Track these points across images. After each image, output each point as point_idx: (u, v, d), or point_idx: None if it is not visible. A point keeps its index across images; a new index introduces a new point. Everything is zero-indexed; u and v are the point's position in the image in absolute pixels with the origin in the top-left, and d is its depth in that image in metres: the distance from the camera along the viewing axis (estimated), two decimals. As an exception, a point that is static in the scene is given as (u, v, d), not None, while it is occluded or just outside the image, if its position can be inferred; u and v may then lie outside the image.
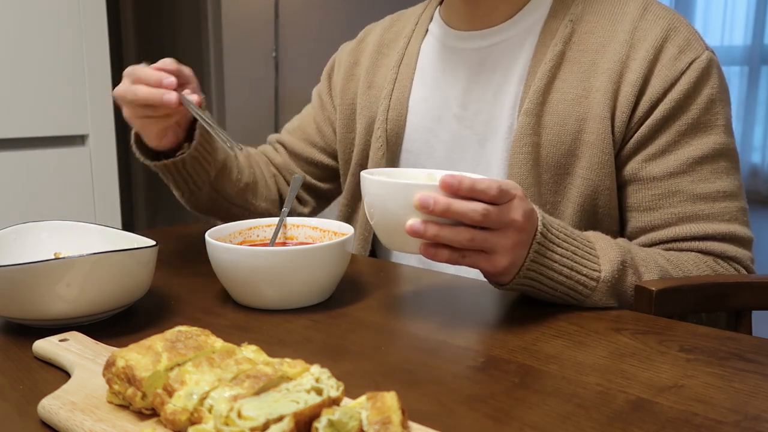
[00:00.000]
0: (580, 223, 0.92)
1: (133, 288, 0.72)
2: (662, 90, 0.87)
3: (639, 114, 0.89)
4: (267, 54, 4.13)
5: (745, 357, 0.64)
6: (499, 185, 0.66)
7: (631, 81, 0.88)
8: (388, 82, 1.07)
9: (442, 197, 0.65)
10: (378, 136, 1.06)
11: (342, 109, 1.13)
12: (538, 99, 0.91)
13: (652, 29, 0.89)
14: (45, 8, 1.78)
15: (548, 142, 0.92)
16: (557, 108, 0.91)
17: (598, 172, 0.90)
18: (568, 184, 0.92)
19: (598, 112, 0.89)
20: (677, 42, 0.89)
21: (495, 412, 0.53)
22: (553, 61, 0.92)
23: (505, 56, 0.98)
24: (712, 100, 0.88)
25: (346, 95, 1.13)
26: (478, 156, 0.99)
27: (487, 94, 0.98)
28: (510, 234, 0.69)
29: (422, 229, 0.66)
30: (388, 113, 1.05)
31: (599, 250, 0.78)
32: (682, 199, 0.88)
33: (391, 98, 1.06)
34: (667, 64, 0.88)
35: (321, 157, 1.18)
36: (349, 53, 1.16)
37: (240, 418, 0.43)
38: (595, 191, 0.91)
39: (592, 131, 0.90)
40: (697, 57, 0.88)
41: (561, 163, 0.92)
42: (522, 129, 0.92)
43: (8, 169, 1.77)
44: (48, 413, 0.51)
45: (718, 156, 0.88)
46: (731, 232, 0.87)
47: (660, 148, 0.88)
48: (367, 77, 1.11)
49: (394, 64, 1.08)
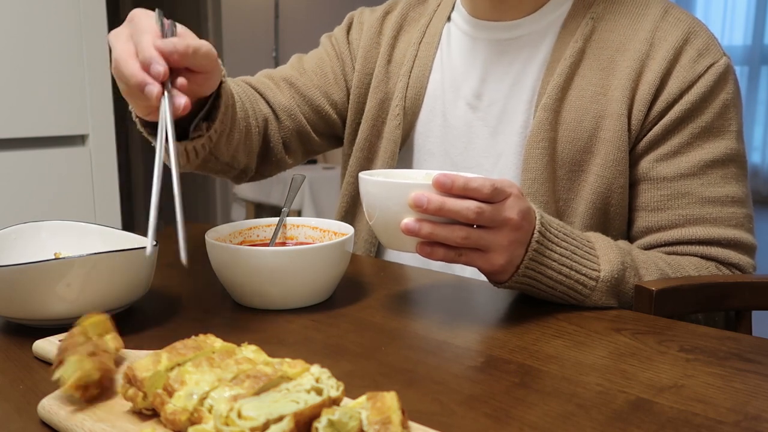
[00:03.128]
0: (591, 222, 0.92)
1: (133, 288, 0.72)
2: (679, 91, 0.88)
3: (654, 113, 0.89)
4: (267, 54, 4.13)
5: (745, 357, 0.64)
6: (493, 183, 0.66)
7: (649, 80, 0.88)
8: (408, 59, 1.06)
9: (436, 196, 0.65)
10: (396, 113, 1.04)
11: (360, 76, 1.09)
12: (557, 95, 0.92)
13: (672, 31, 0.90)
14: (45, 8, 1.78)
15: (565, 138, 0.92)
16: (575, 104, 0.91)
17: (612, 170, 0.90)
18: (582, 182, 0.92)
19: (616, 109, 0.89)
20: (697, 45, 0.89)
21: (495, 412, 0.53)
22: (573, 57, 0.92)
23: (524, 50, 0.98)
24: (727, 105, 0.89)
25: (368, 62, 1.09)
26: (488, 147, 0.99)
27: (503, 86, 0.98)
28: (506, 232, 0.69)
29: (417, 227, 0.66)
30: (407, 91, 1.04)
31: (599, 250, 0.78)
32: (691, 201, 0.88)
33: (410, 76, 1.04)
34: (685, 66, 0.88)
35: (330, 112, 1.11)
36: (376, 20, 1.12)
37: (240, 418, 0.43)
38: (608, 189, 0.91)
39: (608, 129, 0.90)
40: (716, 62, 0.89)
41: (576, 160, 0.92)
42: (539, 124, 0.92)
43: (8, 169, 1.77)
44: (48, 413, 0.51)
45: (728, 161, 0.89)
46: (736, 238, 0.88)
47: (672, 149, 0.89)
48: (387, 51, 1.08)
49: (414, 41, 1.06)
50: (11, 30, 1.74)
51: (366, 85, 1.09)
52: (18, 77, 1.76)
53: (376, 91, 1.07)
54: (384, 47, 1.08)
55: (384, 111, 1.07)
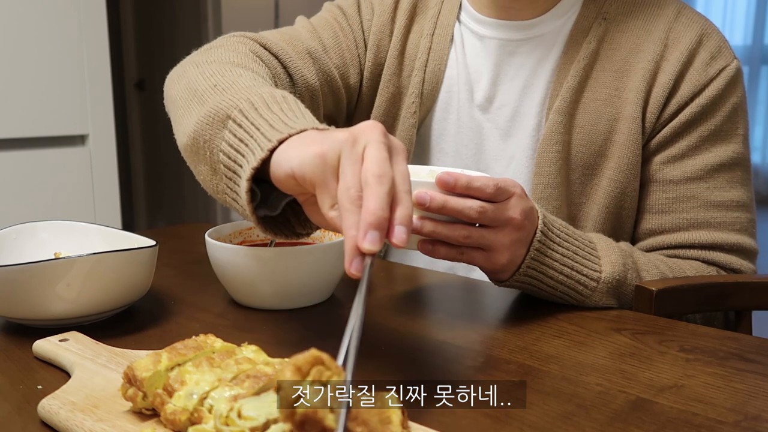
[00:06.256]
0: (603, 225, 0.92)
1: (133, 288, 0.72)
2: (691, 94, 0.88)
3: (666, 115, 0.89)
4: (267, 54, 4.13)
5: (745, 357, 0.64)
6: (496, 183, 0.66)
7: (663, 82, 0.88)
8: (422, 51, 1.01)
9: (439, 194, 0.65)
10: (412, 111, 1.00)
11: (372, 66, 1.02)
12: (571, 97, 0.91)
13: (686, 32, 0.89)
14: (45, 8, 1.78)
15: (579, 142, 0.91)
16: (590, 107, 0.91)
17: (626, 174, 0.90)
18: (595, 185, 0.92)
19: (631, 112, 0.89)
20: (710, 48, 0.89)
21: (495, 412, 0.53)
22: (587, 59, 0.91)
23: (535, 51, 0.96)
24: (736, 109, 0.89)
25: (380, 51, 1.02)
26: (499, 150, 0.98)
27: (514, 88, 0.96)
28: (508, 232, 0.69)
29: (419, 225, 0.66)
30: (423, 86, 1.00)
31: (601, 251, 0.78)
32: (696, 205, 0.88)
33: (426, 71, 1.00)
34: (698, 69, 0.88)
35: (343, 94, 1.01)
36: (389, 5, 1.03)
37: (240, 418, 0.43)
38: (622, 193, 0.90)
39: (623, 132, 0.89)
40: (728, 65, 0.88)
41: (590, 164, 0.91)
42: (553, 127, 0.91)
43: (8, 169, 1.77)
44: (48, 413, 0.51)
45: (735, 165, 0.89)
46: (739, 243, 0.87)
47: (680, 151, 0.88)
48: (401, 40, 1.01)
49: (427, 32, 1.02)
50: (11, 30, 1.73)
51: (377, 76, 1.02)
52: (18, 77, 1.76)
53: (387, 85, 1.01)
54: (396, 36, 1.01)
55: (396, 106, 1.02)
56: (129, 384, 0.50)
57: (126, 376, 0.50)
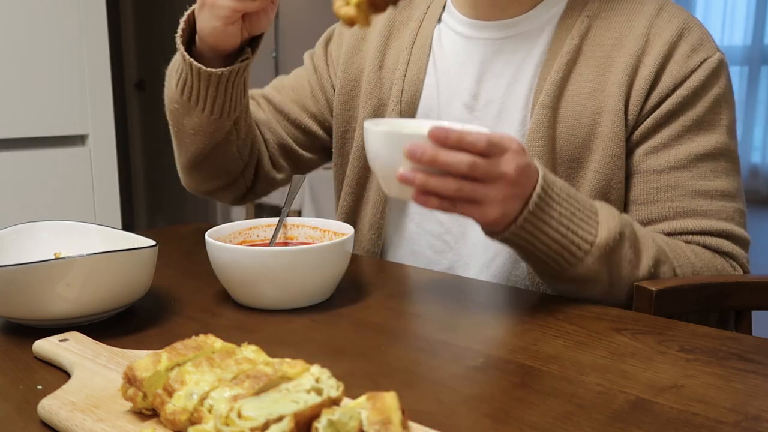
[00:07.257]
0: None
1: (133, 288, 0.72)
2: (672, 85, 0.89)
3: (647, 107, 0.90)
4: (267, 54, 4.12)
5: (745, 357, 0.64)
6: (488, 138, 0.67)
7: (644, 75, 0.89)
8: (402, 63, 1.05)
9: (430, 147, 0.66)
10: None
11: (343, 83, 1.09)
12: (555, 92, 0.92)
13: (667, 26, 0.91)
14: (45, 8, 1.78)
15: (563, 135, 0.92)
16: (573, 101, 0.92)
17: (611, 166, 0.91)
18: (581, 178, 0.93)
19: (613, 105, 0.90)
20: (690, 41, 0.90)
21: (495, 412, 0.53)
22: (570, 55, 0.93)
23: (520, 49, 0.97)
24: (719, 100, 0.89)
25: (350, 69, 1.09)
26: None
27: (499, 84, 0.98)
28: (500, 186, 0.70)
29: (411, 177, 0.67)
30: (402, 94, 1.03)
31: (601, 216, 0.78)
32: (681, 193, 0.88)
33: (405, 80, 1.04)
34: (679, 61, 0.89)
35: (310, 124, 1.12)
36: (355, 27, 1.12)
37: (240, 418, 0.43)
38: (607, 185, 0.91)
39: (606, 124, 0.90)
40: (709, 57, 0.89)
41: (575, 157, 0.92)
42: (538, 121, 0.92)
43: (8, 169, 1.77)
44: (48, 413, 0.51)
45: (719, 155, 0.89)
46: (728, 230, 0.88)
47: (662, 142, 0.89)
48: (378, 57, 1.07)
49: (406, 45, 1.05)
50: (11, 30, 1.74)
51: (350, 91, 1.08)
52: (18, 77, 1.76)
53: (369, 98, 1.06)
54: (372, 52, 1.08)
55: (379, 117, 1.06)
56: (129, 384, 0.50)
57: (126, 376, 0.50)
